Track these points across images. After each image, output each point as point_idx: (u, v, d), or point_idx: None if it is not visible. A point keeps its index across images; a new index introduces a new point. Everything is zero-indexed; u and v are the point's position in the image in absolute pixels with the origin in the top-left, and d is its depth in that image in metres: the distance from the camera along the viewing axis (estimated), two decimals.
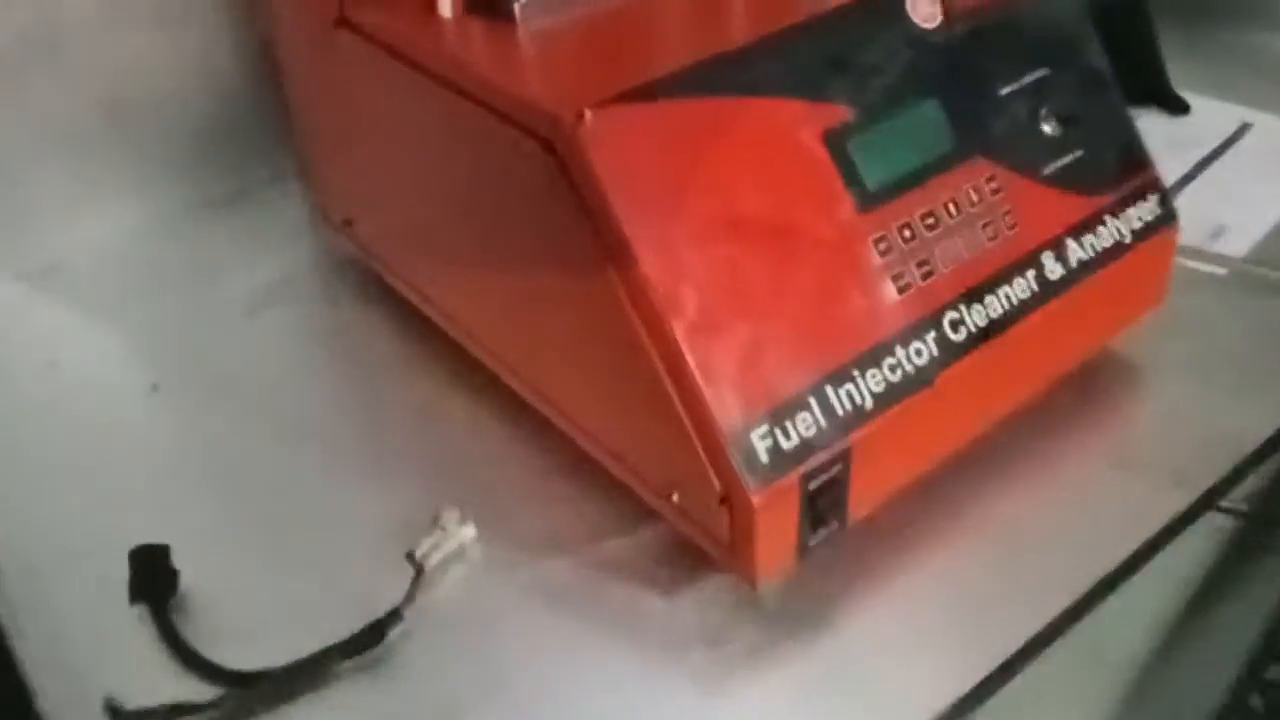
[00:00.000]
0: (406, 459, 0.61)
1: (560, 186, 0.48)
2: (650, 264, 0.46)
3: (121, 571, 0.53)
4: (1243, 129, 0.84)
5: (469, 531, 0.55)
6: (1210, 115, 0.85)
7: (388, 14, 0.57)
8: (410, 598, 0.52)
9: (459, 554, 0.55)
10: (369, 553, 0.55)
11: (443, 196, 0.59)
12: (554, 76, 0.52)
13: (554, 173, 0.48)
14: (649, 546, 0.56)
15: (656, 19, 0.55)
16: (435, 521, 0.55)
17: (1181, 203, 0.62)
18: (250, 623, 0.54)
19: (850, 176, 0.51)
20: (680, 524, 0.52)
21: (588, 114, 0.46)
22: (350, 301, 0.73)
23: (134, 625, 0.53)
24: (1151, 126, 0.66)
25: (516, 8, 0.54)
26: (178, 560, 0.55)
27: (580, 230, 0.48)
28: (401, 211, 0.64)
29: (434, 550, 0.54)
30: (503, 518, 0.57)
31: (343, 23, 0.59)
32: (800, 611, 0.52)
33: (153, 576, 0.54)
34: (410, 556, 0.54)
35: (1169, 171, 0.62)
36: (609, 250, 0.47)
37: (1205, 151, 0.81)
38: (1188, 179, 0.79)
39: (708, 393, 0.47)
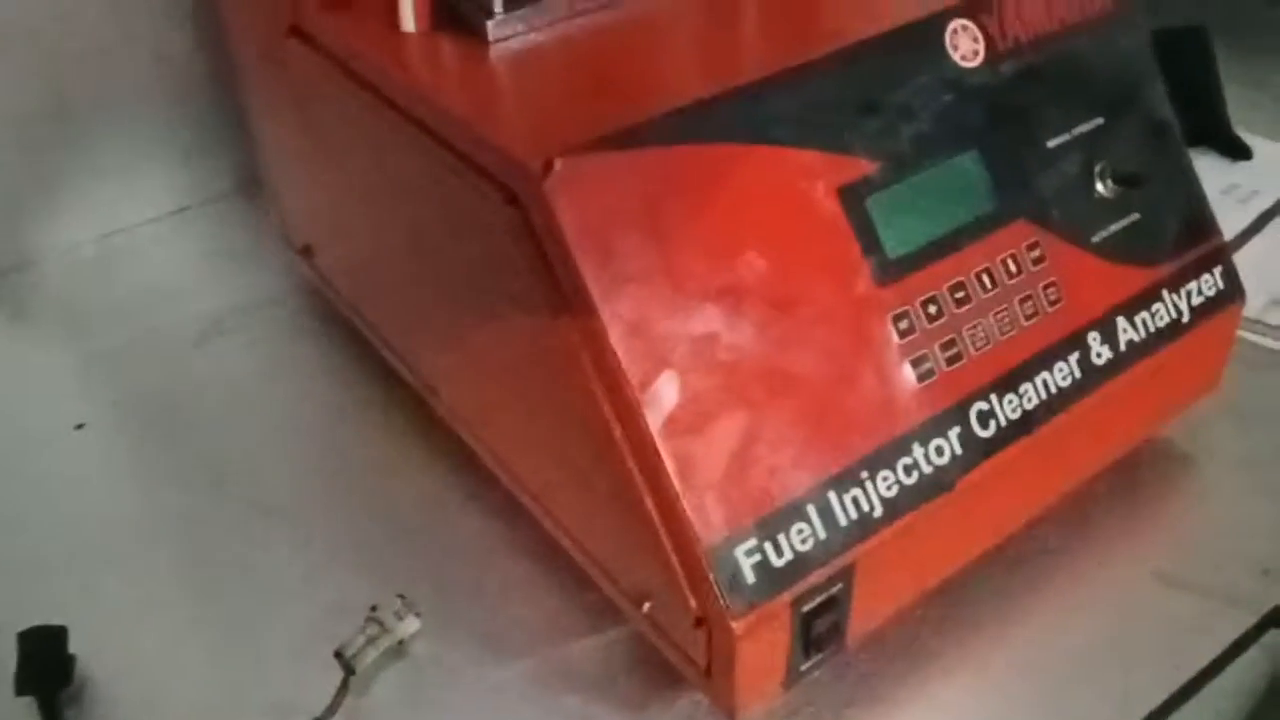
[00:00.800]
0: (351, 528, 0.54)
1: (523, 244, 0.40)
2: (623, 342, 0.39)
3: (9, 655, 0.47)
4: None
5: (411, 625, 0.48)
6: (1274, 161, 0.77)
7: (345, 25, 0.50)
8: (334, 708, 0.45)
9: (398, 651, 0.48)
10: (298, 640, 0.49)
11: (399, 234, 0.51)
12: (524, 112, 0.44)
13: (517, 228, 0.40)
14: (617, 650, 0.48)
15: (649, 43, 0.48)
16: (372, 613, 0.48)
17: (1238, 262, 0.54)
18: None
19: (868, 241, 0.43)
20: (652, 637, 0.45)
21: (557, 163, 0.38)
22: (310, 334, 0.66)
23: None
24: (1206, 172, 0.58)
25: (489, 25, 0.46)
26: (79, 640, 0.48)
27: (543, 296, 0.40)
28: (358, 244, 0.57)
29: (369, 646, 0.47)
30: (453, 608, 0.50)
31: (295, 32, 0.51)
32: None
33: (44, 663, 0.47)
34: (340, 655, 0.46)
35: (1224, 225, 0.54)
36: (576, 323, 0.40)
37: (1268, 203, 0.73)
38: (1246, 235, 0.71)
39: (686, 498, 0.39)
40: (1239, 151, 0.77)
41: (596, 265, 0.39)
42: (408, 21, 0.48)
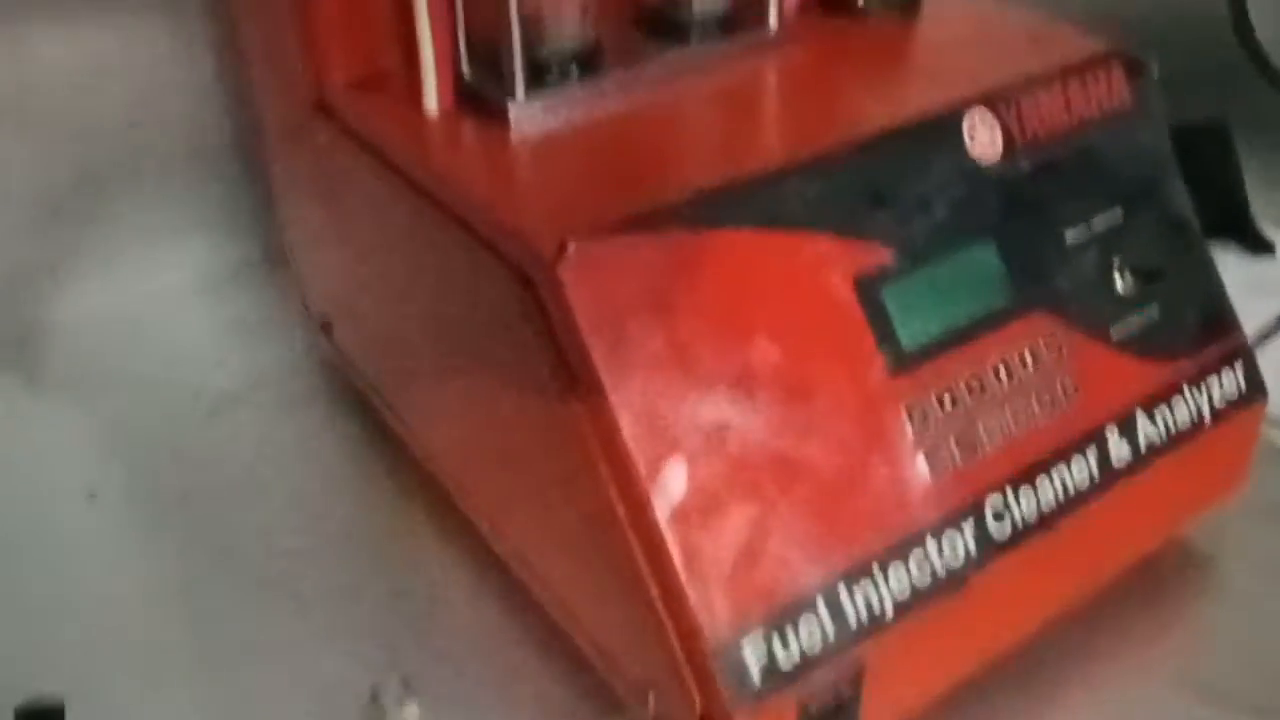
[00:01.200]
0: (357, 608, 0.53)
1: (535, 328, 0.40)
2: (633, 429, 0.39)
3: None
4: None
5: (412, 712, 0.47)
6: None
7: (370, 103, 0.50)
8: None
9: None
10: None
11: (416, 313, 0.51)
12: (541, 195, 0.45)
13: (529, 311, 0.40)
14: None
15: (670, 130, 0.48)
16: (373, 697, 0.47)
17: (1261, 360, 0.53)
18: None
19: (882, 331, 0.43)
20: None
21: (571, 246, 0.38)
22: (325, 410, 0.66)
23: None
24: (1229, 268, 0.57)
25: (511, 108, 0.47)
26: (77, 713, 0.47)
27: (554, 381, 0.40)
28: (376, 322, 0.57)
29: None
30: (457, 694, 0.49)
31: (321, 108, 0.52)
32: None
33: None
34: None
35: (1247, 323, 0.54)
36: (585, 408, 0.39)
37: None
38: (1270, 332, 0.70)
39: (692, 591, 0.38)
40: (1261, 246, 0.77)
41: (608, 350, 0.39)
42: (430, 101, 0.48)
